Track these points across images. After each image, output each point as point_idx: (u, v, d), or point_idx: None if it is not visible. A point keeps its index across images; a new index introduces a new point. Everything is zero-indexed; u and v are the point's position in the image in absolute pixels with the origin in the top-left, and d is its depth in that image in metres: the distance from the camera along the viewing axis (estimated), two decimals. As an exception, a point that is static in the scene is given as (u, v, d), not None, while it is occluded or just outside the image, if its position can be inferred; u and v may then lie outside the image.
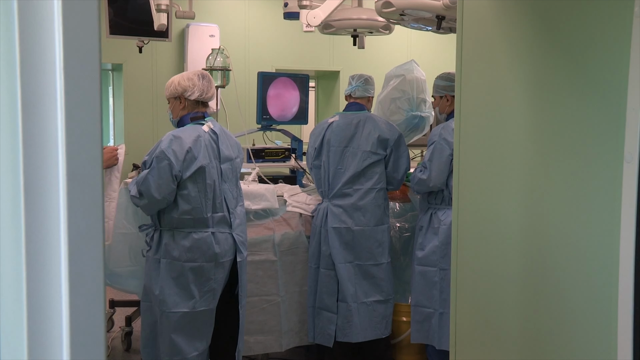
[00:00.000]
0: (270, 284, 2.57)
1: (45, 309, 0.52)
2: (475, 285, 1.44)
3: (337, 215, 2.55)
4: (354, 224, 2.55)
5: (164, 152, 2.03)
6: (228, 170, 2.18)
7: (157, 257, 2.12)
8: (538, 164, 1.26)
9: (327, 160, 2.59)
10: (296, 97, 3.16)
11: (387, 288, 2.60)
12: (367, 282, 2.57)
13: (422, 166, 2.48)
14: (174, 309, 2.09)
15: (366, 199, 2.56)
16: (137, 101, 4.58)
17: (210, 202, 2.10)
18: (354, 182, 2.57)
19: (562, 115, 1.19)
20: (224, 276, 2.17)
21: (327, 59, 5.12)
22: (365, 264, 2.56)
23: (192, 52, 4.50)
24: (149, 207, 2.09)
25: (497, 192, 1.37)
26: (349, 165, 2.57)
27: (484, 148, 1.40)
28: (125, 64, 4.55)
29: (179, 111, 2.18)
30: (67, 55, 0.53)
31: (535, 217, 1.26)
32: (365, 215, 2.56)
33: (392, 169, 2.61)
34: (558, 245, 1.21)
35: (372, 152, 2.56)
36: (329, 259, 2.55)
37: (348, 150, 2.58)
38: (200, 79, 2.17)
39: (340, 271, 2.53)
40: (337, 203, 2.57)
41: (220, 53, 3.22)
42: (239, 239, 2.20)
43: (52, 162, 0.52)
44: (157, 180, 2.02)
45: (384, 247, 2.59)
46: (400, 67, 2.85)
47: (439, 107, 2.59)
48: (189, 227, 2.09)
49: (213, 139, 2.13)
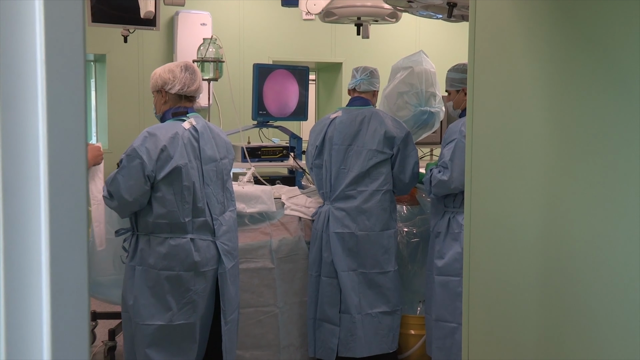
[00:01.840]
0: (267, 294, 2.57)
1: (24, 322, 0.52)
2: (489, 295, 1.44)
3: (339, 220, 2.55)
4: (357, 229, 2.55)
5: (136, 150, 2.01)
6: (211, 172, 2.16)
7: (132, 264, 2.11)
8: (558, 165, 1.26)
9: (329, 160, 2.58)
10: (295, 91, 3.16)
11: (394, 298, 2.60)
12: (372, 291, 2.56)
13: (441, 166, 2.42)
14: (148, 320, 2.07)
15: (371, 202, 2.55)
16: (121, 95, 4.59)
17: (189, 206, 2.08)
18: (358, 184, 2.56)
19: (584, 112, 1.19)
20: (207, 287, 2.14)
21: (329, 49, 5.12)
22: (371, 272, 2.55)
23: (182, 42, 4.50)
24: (121, 210, 2.08)
25: (514, 196, 1.37)
26: (352, 165, 2.56)
27: (498, 148, 1.40)
28: (109, 54, 4.55)
29: (161, 105, 2.18)
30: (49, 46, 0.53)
31: (555, 222, 1.27)
32: (370, 219, 2.55)
33: (399, 169, 2.60)
34: (580, 252, 1.21)
35: (378, 150, 2.56)
36: (331, 267, 2.55)
37: (352, 149, 2.57)
38: (183, 71, 2.15)
39: (343, 280, 2.53)
40: (340, 206, 2.56)
41: (212, 43, 3.23)
42: (224, 247, 2.18)
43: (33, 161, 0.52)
44: (128, 180, 2.01)
45: (390, 253, 2.59)
46: (408, 59, 2.85)
47: (454, 101, 2.56)
48: (165, 233, 2.08)
49: (194, 136, 2.11)
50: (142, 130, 2.15)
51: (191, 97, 2.20)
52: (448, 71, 2.58)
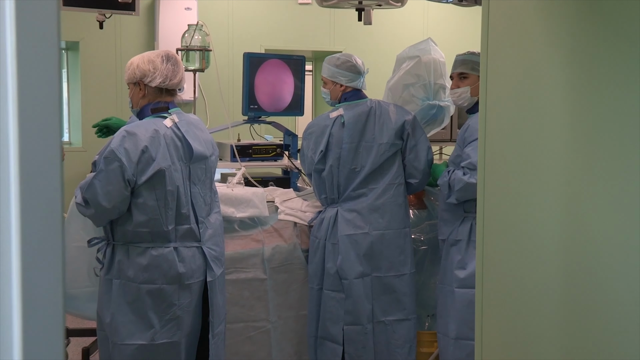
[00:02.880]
0: (259, 308, 2.58)
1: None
2: (505, 307, 1.44)
3: (350, 221, 2.55)
4: (371, 229, 2.56)
5: (114, 152, 1.99)
6: (200, 170, 2.17)
7: (109, 277, 2.10)
8: (580, 165, 1.27)
9: (336, 163, 2.59)
10: (290, 84, 3.17)
11: (409, 305, 2.61)
12: (387, 297, 2.57)
13: (466, 168, 2.39)
14: (127, 340, 2.06)
15: (384, 197, 2.58)
16: (96, 87, 4.59)
17: (173, 213, 2.08)
18: (369, 181, 2.59)
19: (607, 107, 1.20)
20: (192, 301, 2.14)
21: (327, 37, 5.13)
22: (386, 276, 2.57)
23: (164, 29, 4.50)
24: (98, 218, 2.06)
25: (531, 197, 1.38)
26: (364, 163, 2.58)
27: (514, 145, 1.41)
28: (83, 42, 4.55)
29: (139, 100, 2.16)
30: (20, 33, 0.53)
31: (577, 227, 1.27)
32: (384, 216, 2.57)
33: (412, 156, 2.61)
34: (605, 258, 1.21)
35: (390, 143, 2.58)
36: (334, 279, 2.54)
37: (362, 146, 2.59)
38: (164, 61, 2.13)
39: (354, 289, 2.53)
40: (350, 207, 2.57)
41: (198, 30, 3.23)
42: (211, 253, 2.18)
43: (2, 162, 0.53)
44: (106, 185, 1.99)
45: (406, 254, 2.60)
46: (414, 47, 2.86)
47: (473, 88, 2.47)
48: (146, 242, 2.07)
49: (177, 135, 2.10)
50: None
51: (172, 90, 2.18)
52: (470, 53, 2.52)
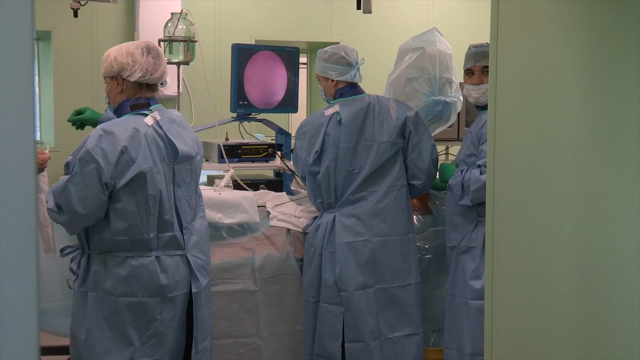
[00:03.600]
0: (249, 322, 2.58)
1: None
2: (517, 316, 1.46)
3: (349, 228, 2.56)
4: (372, 235, 2.57)
5: (90, 153, 1.99)
6: (185, 171, 2.17)
7: (83, 290, 2.10)
8: (595, 164, 1.28)
9: (333, 165, 2.60)
10: (282, 77, 3.18)
11: (417, 317, 2.61)
12: (392, 310, 2.57)
13: (483, 166, 2.40)
14: (104, 358, 2.06)
15: (386, 200, 2.59)
16: (70, 81, 4.59)
17: (155, 219, 2.08)
18: (369, 183, 2.60)
19: (623, 103, 1.22)
20: (176, 316, 2.14)
21: (323, 27, 5.15)
22: (391, 287, 2.58)
23: (145, 17, 4.51)
24: (72, 225, 2.06)
25: (544, 199, 1.39)
26: (364, 164, 2.59)
27: (526, 142, 1.43)
28: (55, 31, 4.56)
29: (117, 95, 2.16)
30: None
31: (593, 228, 1.29)
32: (385, 221, 2.58)
33: (415, 155, 2.62)
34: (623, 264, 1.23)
35: (391, 141, 2.60)
36: (332, 290, 2.55)
37: (360, 145, 2.60)
38: (145, 53, 2.14)
39: (355, 302, 2.53)
40: (349, 212, 2.58)
41: (182, 19, 3.25)
42: (197, 262, 2.18)
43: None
44: (81, 189, 1.99)
45: (411, 262, 2.61)
46: (418, 38, 2.87)
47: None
48: (125, 251, 2.07)
49: (159, 134, 2.11)
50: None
51: (153, 85, 2.19)
52: (488, 45, 2.53)
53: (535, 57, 1.40)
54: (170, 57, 3.23)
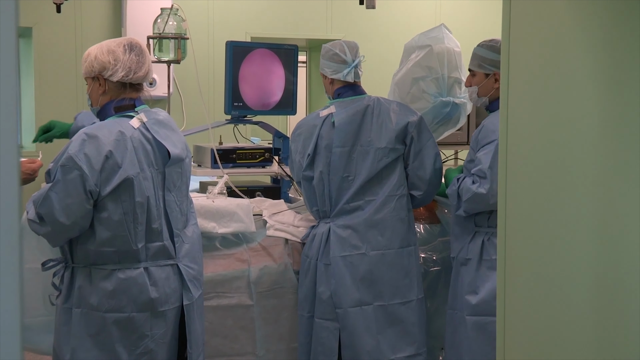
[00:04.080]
0: (244, 339, 2.59)
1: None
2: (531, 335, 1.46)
3: (345, 240, 2.56)
4: (369, 248, 2.56)
5: (73, 159, 1.99)
6: (175, 174, 2.18)
7: (67, 306, 2.10)
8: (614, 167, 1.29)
9: (326, 169, 2.60)
10: (280, 77, 3.20)
11: (419, 336, 2.61)
12: (393, 330, 2.57)
13: (476, 175, 2.43)
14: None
15: (384, 211, 2.58)
16: (53, 80, 4.60)
17: (143, 228, 2.09)
18: (365, 192, 2.59)
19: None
20: (167, 332, 2.15)
21: (324, 23, 5.17)
22: (390, 304, 2.57)
23: (133, 13, 4.53)
24: (54, 237, 2.06)
25: (559, 205, 1.40)
26: (359, 171, 2.58)
27: (541, 147, 1.43)
28: (37, 27, 4.57)
29: (99, 97, 2.16)
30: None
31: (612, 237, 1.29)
32: (384, 233, 2.58)
33: (416, 164, 2.62)
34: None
35: (390, 147, 2.59)
36: (327, 305, 2.56)
37: (356, 150, 2.59)
38: (127, 51, 2.14)
39: (350, 320, 2.53)
40: (344, 223, 2.58)
41: (173, 14, 3.26)
42: (189, 272, 2.19)
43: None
44: (64, 198, 1.99)
45: (412, 277, 2.60)
46: (425, 35, 2.88)
47: (480, 87, 2.57)
48: (111, 263, 2.07)
49: (146, 137, 2.12)
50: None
51: (138, 85, 2.20)
52: (478, 46, 2.58)
53: (549, 57, 1.41)
54: (160, 56, 3.25)
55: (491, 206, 2.41)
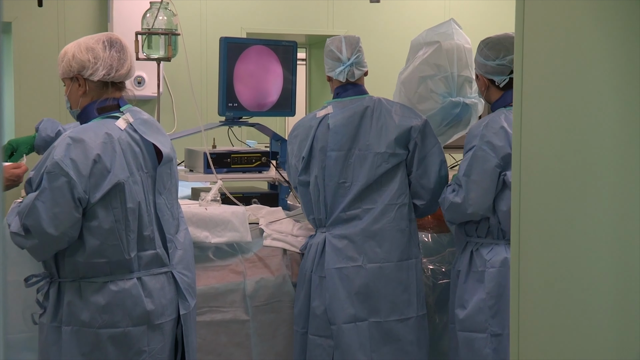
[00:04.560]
0: (239, 356, 2.59)
1: None
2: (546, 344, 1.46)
3: (340, 251, 2.56)
4: (366, 261, 2.56)
5: (59, 165, 1.99)
6: (166, 175, 2.19)
7: (55, 325, 2.09)
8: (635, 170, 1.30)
9: (321, 174, 2.60)
10: (278, 76, 3.21)
11: (418, 356, 2.60)
12: (389, 348, 2.56)
13: (454, 183, 2.49)
14: None
15: (383, 221, 2.57)
16: (34, 79, 4.61)
17: (135, 235, 2.09)
18: (363, 200, 2.58)
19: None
20: (165, 346, 2.15)
21: (324, 18, 5.19)
22: (387, 321, 2.56)
23: (120, 6, 4.55)
24: (41, 250, 2.05)
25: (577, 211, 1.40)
26: (357, 177, 2.58)
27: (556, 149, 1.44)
28: (16, 22, 4.58)
29: (79, 98, 2.15)
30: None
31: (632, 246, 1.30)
32: (382, 245, 2.57)
33: (420, 172, 2.61)
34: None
35: (390, 153, 2.58)
36: (321, 321, 2.56)
37: (353, 155, 2.59)
38: (107, 48, 2.14)
39: (344, 337, 2.53)
40: (340, 232, 2.58)
41: (163, 9, 3.28)
42: (183, 279, 2.19)
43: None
44: (52, 207, 1.99)
45: (411, 292, 2.60)
46: (433, 31, 2.89)
47: (480, 90, 2.64)
48: (102, 275, 2.07)
49: (134, 139, 2.12)
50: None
51: (120, 84, 2.20)
52: (504, 35, 2.59)
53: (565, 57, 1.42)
54: (149, 53, 3.26)
55: (469, 216, 2.45)
